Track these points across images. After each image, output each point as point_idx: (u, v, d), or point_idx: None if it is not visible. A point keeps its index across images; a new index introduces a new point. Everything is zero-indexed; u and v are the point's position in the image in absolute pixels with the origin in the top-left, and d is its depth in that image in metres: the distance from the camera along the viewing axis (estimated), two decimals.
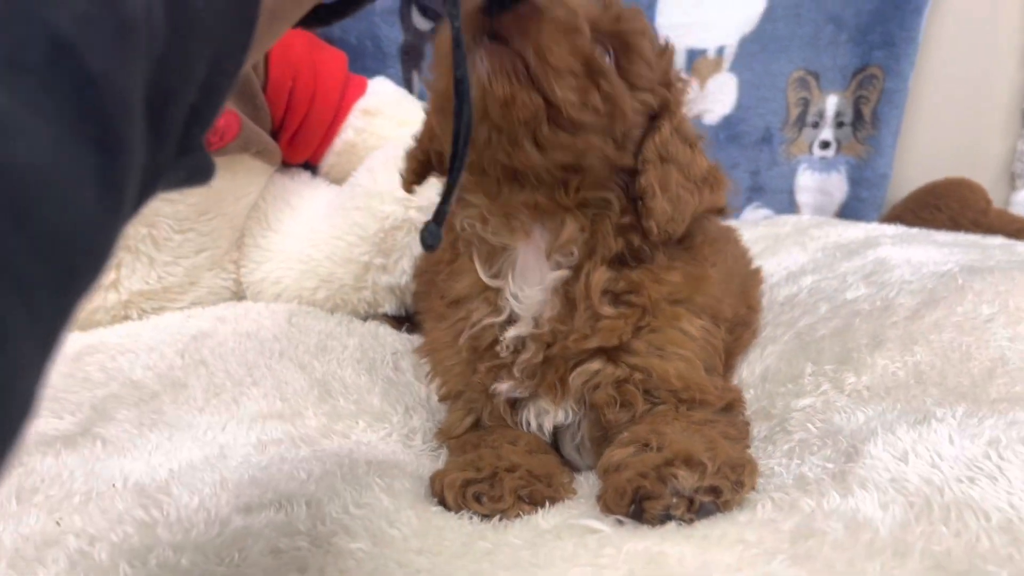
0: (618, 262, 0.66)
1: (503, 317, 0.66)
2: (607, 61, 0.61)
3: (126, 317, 1.03)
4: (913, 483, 0.46)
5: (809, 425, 0.61)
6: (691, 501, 0.50)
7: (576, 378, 0.65)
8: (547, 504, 0.57)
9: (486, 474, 0.58)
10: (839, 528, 0.44)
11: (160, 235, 1.01)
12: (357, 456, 0.70)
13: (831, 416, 0.61)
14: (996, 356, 0.63)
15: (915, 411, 0.56)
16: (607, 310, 0.64)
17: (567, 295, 0.65)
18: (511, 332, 0.66)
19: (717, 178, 0.69)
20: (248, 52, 0.35)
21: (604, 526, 0.51)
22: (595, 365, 0.65)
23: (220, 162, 1.01)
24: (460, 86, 0.42)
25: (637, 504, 0.51)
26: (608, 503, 0.53)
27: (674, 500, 0.50)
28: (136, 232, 0.99)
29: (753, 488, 0.52)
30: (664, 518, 0.50)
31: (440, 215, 0.46)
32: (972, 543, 0.41)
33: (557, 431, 0.70)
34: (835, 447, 0.55)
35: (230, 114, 1.00)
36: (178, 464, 0.68)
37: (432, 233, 0.45)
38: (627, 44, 0.63)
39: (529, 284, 0.66)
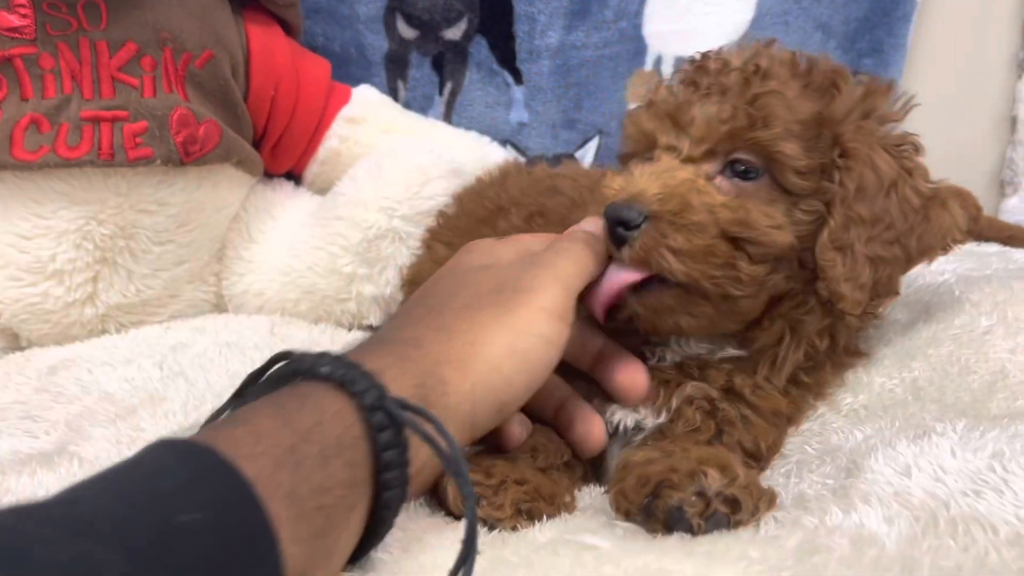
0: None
1: None
2: (759, 174, 0.59)
3: (104, 331, 1.00)
4: (917, 497, 0.45)
5: (806, 447, 0.60)
6: (708, 505, 0.49)
7: (690, 390, 0.63)
8: (544, 518, 0.55)
9: (495, 482, 0.56)
10: (844, 544, 0.42)
11: (138, 247, 0.99)
12: None
13: (828, 436, 0.60)
14: (996, 369, 0.61)
15: (915, 427, 0.55)
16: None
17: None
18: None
19: (934, 215, 0.61)
20: None
21: (602, 542, 0.49)
22: (713, 393, 0.63)
23: (201, 172, 1.02)
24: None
25: (654, 496, 0.50)
26: (627, 491, 0.52)
27: (693, 498, 0.49)
28: (114, 244, 0.97)
29: (764, 517, 0.50)
30: (676, 513, 0.49)
31: None
32: (981, 557, 0.39)
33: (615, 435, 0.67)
34: (834, 464, 0.53)
35: (211, 123, 0.98)
36: None
37: None
38: (768, 155, 0.59)
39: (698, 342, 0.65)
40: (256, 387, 0.48)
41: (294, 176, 1.19)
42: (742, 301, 0.59)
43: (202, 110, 0.98)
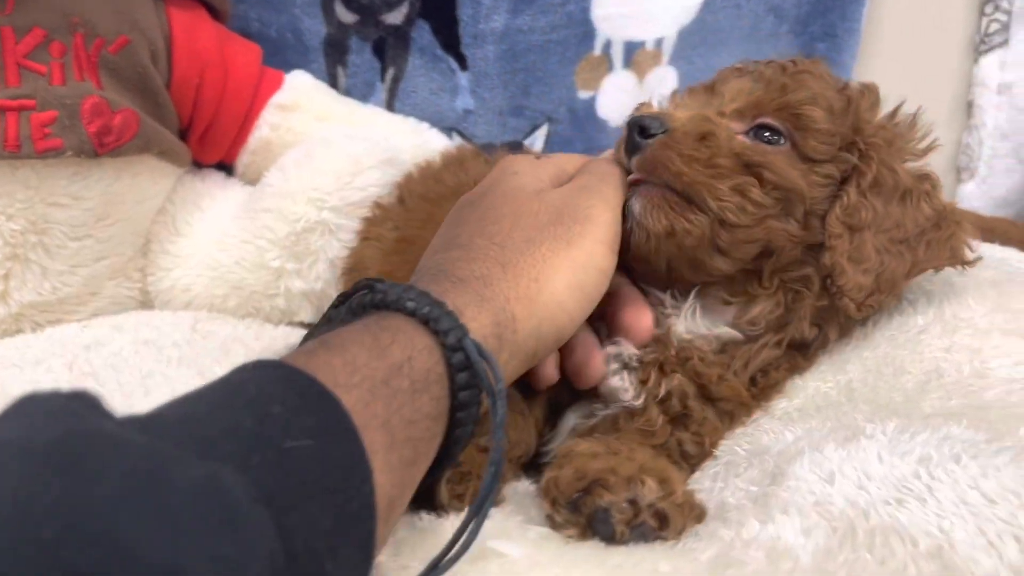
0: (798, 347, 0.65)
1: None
2: (780, 141, 0.61)
3: (19, 331, 0.95)
4: (838, 506, 0.42)
5: (737, 448, 0.57)
6: (637, 514, 0.47)
7: (677, 382, 0.62)
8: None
9: (464, 469, 0.55)
10: (760, 557, 0.39)
11: (52, 242, 0.94)
12: None
13: (759, 437, 0.57)
14: (931, 368, 0.60)
15: (845, 428, 0.52)
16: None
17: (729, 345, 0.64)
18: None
19: (946, 226, 0.64)
20: None
21: (512, 549, 0.46)
22: (691, 390, 0.63)
23: (118, 163, 0.96)
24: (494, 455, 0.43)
25: (585, 492, 0.48)
26: (560, 481, 0.50)
27: (624, 504, 0.47)
28: (25, 240, 0.91)
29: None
30: (602, 515, 0.47)
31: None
32: (899, 571, 0.37)
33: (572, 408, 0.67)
34: (761, 468, 0.51)
35: (127, 112, 0.93)
36: None
37: None
38: (796, 117, 0.61)
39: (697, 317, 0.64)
40: (341, 311, 0.50)
41: (226, 166, 1.14)
42: (738, 231, 0.59)
43: (118, 98, 0.93)
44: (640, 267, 0.64)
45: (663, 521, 0.47)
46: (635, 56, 1.28)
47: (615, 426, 0.63)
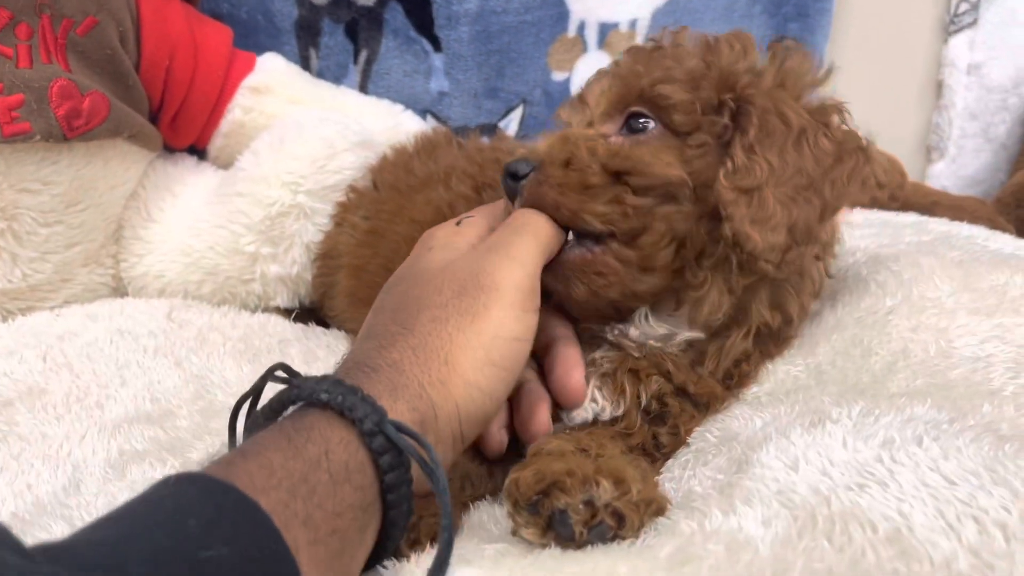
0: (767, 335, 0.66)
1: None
2: (651, 125, 0.61)
3: None
4: (800, 494, 0.42)
5: (707, 434, 0.58)
6: (594, 515, 0.47)
7: (655, 385, 0.62)
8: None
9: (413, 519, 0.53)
10: (719, 550, 0.40)
11: (22, 229, 0.93)
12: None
13: (729, 423, 0.57)
14: (898, 349, 0.60)
15: (812, 412, 0.52)
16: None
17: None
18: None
19: (848, 158, 0.60)
20: None
21: (469, 572, 0.45)
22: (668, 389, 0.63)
23: (89, 148, 0.95)
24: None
25: (544, 494, 0.48)
26: (520, 483, 0.50)
27: (581, 506, 0.47)
28: None
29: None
30: (560, 516, 0.47)
31: None
32: (856, 558, 0.37)
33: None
34: (729, 455, 0.51)
35: (96, 95, 0.92)
36: (23, 503, 0.62)
37: None
38: (654, 100, 0.61)
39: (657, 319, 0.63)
40: (258, 413, 0.50)
41: (198, 150, 1.13)
42: (640, 241, 0.59)
43: (87, 81, 0.92)
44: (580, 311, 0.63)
45: (620, 520, 0.47)
46: (609, 37, 1.28)
47: (592, 424, 0.62)
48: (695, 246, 0.60)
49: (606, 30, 1.29)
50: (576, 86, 1.29)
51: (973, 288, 0.66)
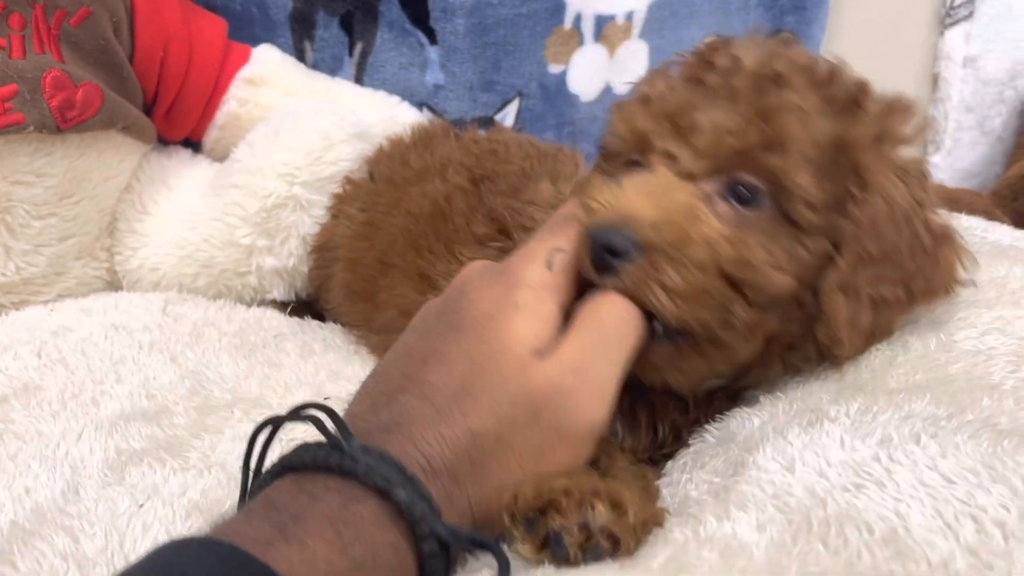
0: None
1: None
2: (761, 202, 0.52)
3: None
4: (796, 496, 0.42)
5: (707, 435, 0.57)
6: (589, 538, 0.46)
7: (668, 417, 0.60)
8: None
9: None
10: (714, 557, 0.39)
11: (15, 221, 0.92)
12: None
13: (728, 422, 0.57)
14: (898, 343, 0.59)
15: (810, 410, 0.52)
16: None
17: None
18: None
19: (943, 252, 0.57)
20: None
21: None
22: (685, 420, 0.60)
23: (83, 139, 0.95)
24: None
25: (540, 513, 0.47)
26: (520, 499, 0.48)
27: (575, 528, 0.46)
28: None
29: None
30: (555, 537, 0.46)
31: None
32: (852, 561, 0.37)
33: None
34: (726, 456, 0.50)
35: (90, 86, 0.91)
36: (23, 509, 0.61)
37: None
38: (778, 183, 0.52)
39: None
40: (295, 456, 0.44)
41: (192, 143, 1.12)
42: (737, 348, 0.54)
43: (80, 72, 0.91)
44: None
45: (616, 543, 0.46)
46: (605, 30, 1.28)
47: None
48: (782, 341, 0.57)
49: (602, 22, 1.28)
50: (573, 79, 1.28)
51: (972, 280, 0.66)
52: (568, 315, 0.52)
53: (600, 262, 0.51)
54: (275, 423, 0.47)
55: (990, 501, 0.40)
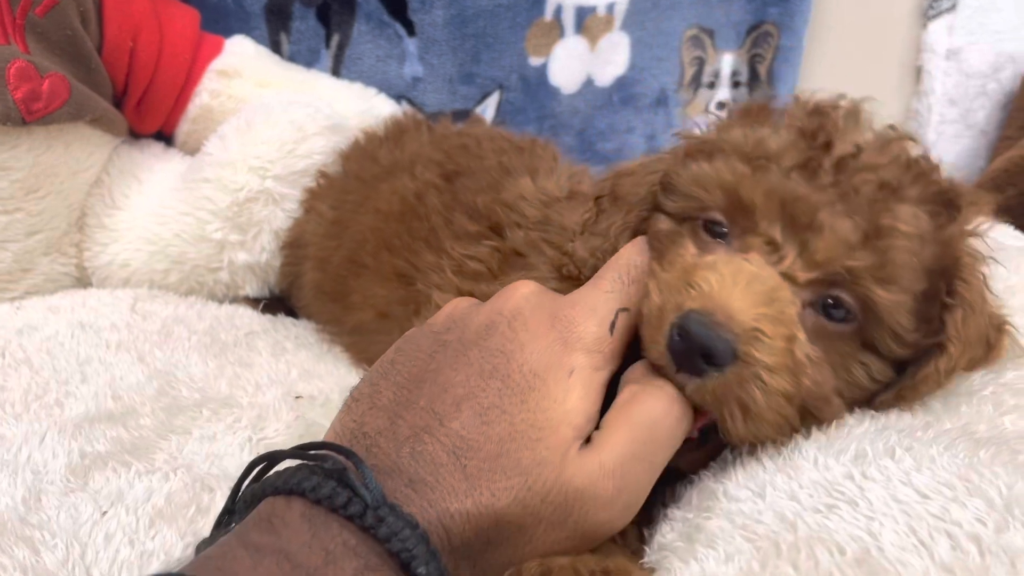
0: None
1: None
2: (848, 319, 0.49)
3: None
4: (765, 523, 0.41)
5: None
6: None
7: None
8: None
9: None
10: None
11: None
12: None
13: None
14: None
15: None
16: None
17: None
18: None
19: (998, 343, 0.55)
20: None
21: None
22: None
23: (50, 132, 0.92)
24: None
25: None
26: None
27: None
28: None
29: None
30: None
31: None
32: None
33: None
34: (700, 487, 0.49)
35: (56, 77, 0.89)
36: None
37: None
38: (874, 310, 0.48)
39: None
40: (300, 476, 0.41)
41: (165, 136, 1.10)
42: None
43: (46, 63, 0.89)
44: None
45: None
46: (587, 21, 1.26)
47: None
48: None
49: (583, 14, 1.26)
50: (554, 71, 1.27)
51: None
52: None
53: (688, 363, 0.46)
54: (273, 459, 0.44)
55: (965, 515, 0.40)
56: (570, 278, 0.59)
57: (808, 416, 0.49)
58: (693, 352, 0.45)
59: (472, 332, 0.49)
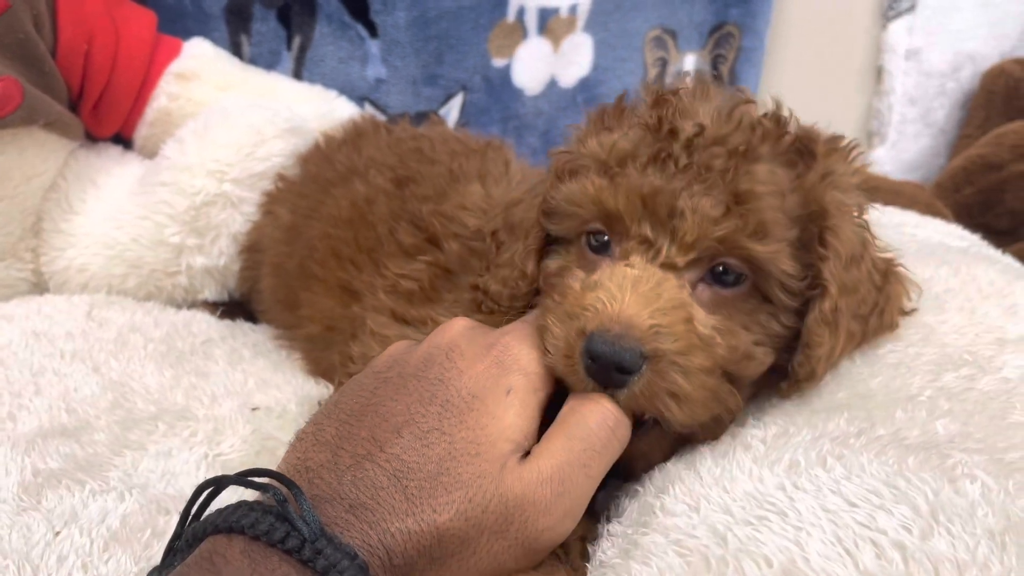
0: None
1: None
2: (741, 281, 0.52)
3: None
4: (697, 537, 0.42)
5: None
6: None
7: None
8: None
9: None
10: None
11: None
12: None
13: None
14: None
15: (730, 435, 0.52)
16: None
17: None
18: None
19: (891, 283, 0.58)
20: None
21: None
22: None
23: (2, 137, 0.91)
24: None
25: None
26: None
27: None
28: None
29: None
30: None
31: None
32: None
33: None
34: (640, 500, 0.50)
35: (8, 81, 0.88)
36: None
37: None
38: (760, 267, 0.51)
39: None
40: (247, 517, 0.41)
41: (124, 140, 1.09)
42: (722, 423, 0.54)
43: None
44: None
45: None
46: (549, 23, 1.26)
47: None
48: (750, 388, 0.56)
49: (546, 15, 1.27)
50: (517, 73, 1.27)
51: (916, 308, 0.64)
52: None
53: (609, 379, 0.48)
54: (219, 484, 0.44)
55: (891, 523, 0.40)
56: (491, 312, 0.61)
57: (739, 379, 0.52)
58: (608, 369, 0.48)
59: (412, 366, 0.50)
